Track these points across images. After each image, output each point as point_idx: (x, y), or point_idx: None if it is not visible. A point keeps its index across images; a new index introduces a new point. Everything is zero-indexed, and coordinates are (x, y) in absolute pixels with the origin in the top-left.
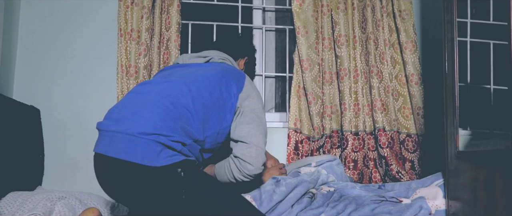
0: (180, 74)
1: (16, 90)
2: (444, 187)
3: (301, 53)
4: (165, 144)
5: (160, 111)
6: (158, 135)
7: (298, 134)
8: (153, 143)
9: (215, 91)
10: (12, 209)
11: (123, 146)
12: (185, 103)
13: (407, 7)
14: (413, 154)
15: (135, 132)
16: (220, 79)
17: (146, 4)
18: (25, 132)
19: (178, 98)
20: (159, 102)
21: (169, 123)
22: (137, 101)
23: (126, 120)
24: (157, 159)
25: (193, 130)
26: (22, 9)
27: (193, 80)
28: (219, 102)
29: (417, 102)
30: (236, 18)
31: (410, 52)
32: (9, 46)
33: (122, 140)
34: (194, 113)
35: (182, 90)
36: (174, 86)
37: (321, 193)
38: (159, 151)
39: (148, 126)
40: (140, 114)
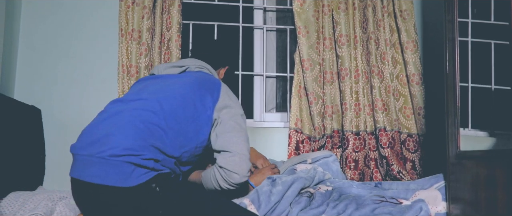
0: (153, 89)
1: (17, 90)
2: (445, 190)
3: (302, 53)
4: (136, 164)
5: (131, 131)
6: (128, 156)
7: (299, 134)
8: (124, 164)
9: (189, 106)
10: (13, 209)
11: (95, 170)
12: (157, 122)
13: (408, 7)
14: (414, 154)
15: (105, 155)
16: (193, 93)
17: (147, 4)
18: (26, 132)
19: (149, 116)
20: (129, 122)
21: (140, 143)
22: (108, 122)
23: (97, 142)
24: (130, 179)
25: (167, 148)
26: (23, 9)
27: (166, 97)
28: (193, 116)
29: (418, 102)
30: (237, 18)
31: (411, 52)
32: (10, 46)
33: (94, 164)
34: (167, 130)
35: (154, 108)
36: (146, 104)
37: (320, 192)
38: (131, 171)
39: (118, 147)
40: (110, 135)
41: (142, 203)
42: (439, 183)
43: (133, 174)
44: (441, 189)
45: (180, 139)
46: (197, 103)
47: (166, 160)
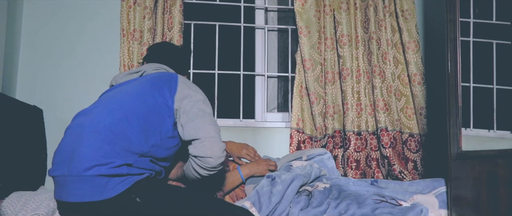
0: (111, 96)
1: (19, 90)
2: (446, 196)
3: (303, 53)
4: (109, 174)
5: (94, 140)
6: (98, 167)
7: (301, 134)
8: (96, 178)
9: (148, 99)
10: (15, 209)
11: (71, 189)
12: (117, 123)
13: (409, 6)
14: (416, 154)
15: (76, 173)
16: (150, 87)
17: (148, 5)
18: (28, 132)
19: (109, 120)
20: (91, 132)
21: (106, 149)
22: (73, 137)
23: (67, 160)
24: (106, 191)
25: (134, 145)
26: (25, 9)
27: (123, 96)
28: (155, 108)
29: (420, 102)
30: (238, 18)
31: (412, 52)
32: (12, 46)
33: (69, 183)
34: (130, 126)
35: (113, 111)
36: (105, 108)
37: (318, 190)
38: (105, 183)
39: (86, 162)
40: (76, 151)
41: (121, 214)
42: (438, 189)
43: (108, 186)
44: (439, 195)
45: (145, 133)
46: (156, 96)
47: (139, 161)
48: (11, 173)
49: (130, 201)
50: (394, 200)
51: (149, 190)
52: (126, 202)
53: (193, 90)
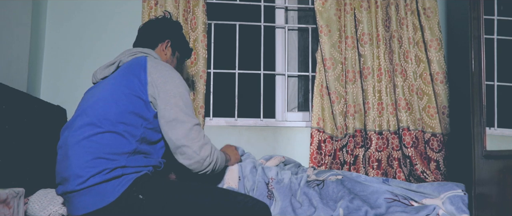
0: (88, 101)
1: (43, 90)
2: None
3: (324, 52)
4: (104, 180)
5: (80, 154)
6: (92, 178)
7: (321, 134)
8: (93, 188)
9: (122, 98)
10: (42, 204)
11: (75, 203)
12: (97, 130)
13: (431, 4)
14: (439, 153)
15: (74, 189)
16: (121, 83)
17: (169, 6)
18: (52, 132)
19: (89, 127)
20: (75, 146)
21: (93, 160)
22: (64, 155)
23: (64, 179)
24: (107, 196)
25: (119, 147)
26: (49, 10)
27: (99, 101)
28: (130, 105)
29: (442, 101)
30: (258, 18)
31: (435, 50)
32: (36, 47)
33: (72, 199)
34: (111, 132)
35: (91, 118)
36: (83, 118)
37: (330, 181)
38: (103, 189)
39: (78, 177)
40: (68, 168)
41: (129, 213)
42: (444, 194)
43: (107, 190)
44: (445, 201)
45: (128, 133)
46: (128, 91)
47: (131, 160)
48: (36, 172)
49: (133, 199)
50: (406, 200)
51: (150, 186)
52: (130, 201)
53: (164, 76)
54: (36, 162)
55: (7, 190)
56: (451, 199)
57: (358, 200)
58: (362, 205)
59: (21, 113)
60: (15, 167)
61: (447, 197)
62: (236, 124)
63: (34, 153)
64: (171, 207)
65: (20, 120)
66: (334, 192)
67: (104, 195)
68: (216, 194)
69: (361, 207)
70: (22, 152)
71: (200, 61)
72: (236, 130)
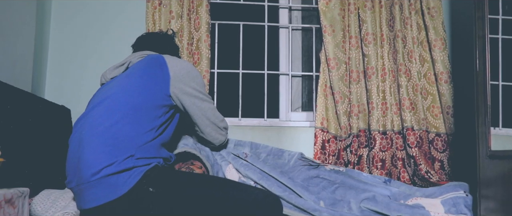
0: (103, 94)
1: (48, 90)
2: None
3: (327, 52)
4: (116, 172)
5: (94, 144)
6: (104, 169)
7: (325, 133)
8: (104, 179)
9: (141, 89)
10: (45, 206)
11: (86, 196)
12: (114, 120)
13: (436, 4)
14: (443, 153)
15: (86, 180)
16: (141, 76)
17: (173, 6)
18: (57, 132)
19: (105, 118)
20: (91, 136)
21: (107, 150)
22: (76, 145)
23: (76, 170)
24: (118, 189)
25: (134, 138)
26: (53, 10)
27: (115, 92)
28: (149, 96)
29: (447, 101)
30: (262, 18)
31: (439, 50)
32: (41, 47)
33: (83, 191)
34: (127, 123)
35: (107, 109)
36: (99, 109)
37: (326, 169)
38: (115, 181)
39: (91, 168)
40: (81, 159)
41: (140, 206)
42: (444, 195)
43: (118, 183)
44: (445, 202)
45: (144, 123)
46: (148, 83)
47: (142, 150)
48: (40, 172)
49: (144, 192)
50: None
51: (161, 179)
52: (141, 194)
53: (189, 79)
54: (40, 162)
55: (12, 189)
56: (453, 200)
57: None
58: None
59: (26, 113)
60: (20, 167)
61: (449, 198)
62: (240, 124)
63: (39, 153)
64: (182, 200)
65: (24, 120)
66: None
67: (116, 187)
68: (227, 186)
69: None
70: (26, 152)
71: (204, 61)
72: (240, 130)
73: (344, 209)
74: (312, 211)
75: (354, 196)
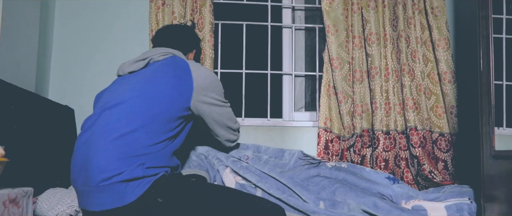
0: (119, 94)
1: (51, 90)
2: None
3: (331, 52)
4: (126, 179)
5: (106, 149)
6: (115, 177)
7: (328, 133)
8: (113, 186)
9: (160, 101)
10: (51, 204)
11: (92, 199)
12: (128, 126)
13: (439, 3)
14: (446, 153)
15: (94, 184)
16: (161, 80)
17: (176, 6)
18: (60, 132)
19: (119, 122)
20: (103, 140)
21: (119, 157)
22: (85, 145)
23: (83, 171)
24: (126, 197)
25: (147, 146)
26: (57, 10)
27: (132, 96)
28: (168, 110)
29: (450, 101)
30: (265, 17)
31: (443, 50)
32: (44, 47)
33: (89, 193)
34: (141, 129)
35: (122, 113)
36: (113, 112)
37: (326, 166)
38: (123, 189)
39: (101, 173)
40: (90, 161)
41: (146, 215)
42: (449, 200)
43: (126, 191)
44: (448, 207)
45: (158, 131)
46: (167, 90)
47: (154, 159)
48: (44, 172)
49: (152, 202)
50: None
51: (169, 188)
52: (148, 204)
53: (210, 90)
54: (44, 162)
55: (16, 189)
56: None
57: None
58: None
59: (30, 113)
60: (24, 167)
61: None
62: (243, 124)
63: (43, 153)
64: (189, 210)
65: (28, 120)
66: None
67: (124, 195)
68: (234, 197)
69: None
70: (30, 152)
71: (207, 61)
72: (243, 130)
73: (343, 210)
74: (311, 213)
75: (354, 198)
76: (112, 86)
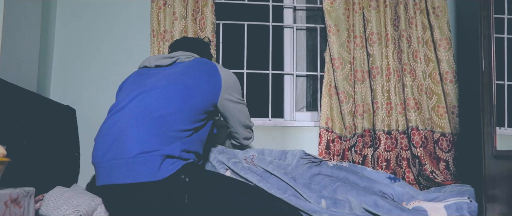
0: (154, 79)
1: (53, 90)
2: (456, 207)
3: (332, 52)
4: (164, 155)
5: (149, 126)
6: (155, 151)
7: (330, 133)
8: (152, 159)
9: (194, 85)
10: (58, 203)
11: (125, 171)
12: (165, 107)
13: (441, 3)
14: (448, 153)
15: (130, 156)
16: (194, 74)
17: (178, 5)
18: (62, 131)
19: (157, 102)
20: (141, 116)
21: (156, 133)
22: (118, 123)
23: (114, 146)
24: (160, 172)
25: (182, 129)
26: (58, 10)
27: (168, 82)
28: (199, 94)
29: (452, 101)
30: (267, 17)
31: (444, 50)
32: (46, 47)
33: (122, 167)
34: (177, 112)
35: (158, 95)
36: (150, 93)
37: (327, 165)
38: (159, 164)
39: (141, 145)
40: (126, 136)
41: (171, 194)
42: (448, 199)
43: (161, 167)
44: (448, 207)
45: (190, 116)
46: (200, 83)
47: (185, 141)
48: (46, 172)
49: (179, 182)
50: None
51: (196, 172)
52: (176, 183)
53: (232, 82)
54: (46, 162)
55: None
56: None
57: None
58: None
59: (31, 113)
60: (26, 167)
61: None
62: None
63: (44, 153)
64: (215, 201)
65: (30, 120)
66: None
67: (158, 170)
68: (257, 195)
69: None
70: (32, 152)
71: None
72: None
73: (345, 209)
74: (313, 212)
75: (355, 196)
76: (139, 76)
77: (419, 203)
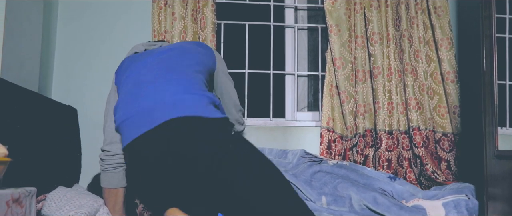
0: (153, 56)
1: (55, 90)
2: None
3: (333, 52)
4: (207, 99)
5: (185, 82)
6: (199, 94)
7: (331, 133)
8: (199, 98)
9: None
10: (60, 203)
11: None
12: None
13: (442, 3)
14: (449, 153)
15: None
16: (184, 45)
17: (178, 5)
18: (64, 132)
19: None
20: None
21: (195, 86)
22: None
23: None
24: (207, 111)
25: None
26: (59, 10)
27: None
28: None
29: (453, 101)
30: (268, 17)
31: (445, 50)
32: (48, 47)
33: (166, 107)
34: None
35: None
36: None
37: (328, 164)
38: (205, 104)
39: (183, 89)
40: (167, 90)
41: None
42: (446, 197)
43: (208, 108)
44: (446, 204)
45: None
46: (204, 58)
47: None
48: (47, 172)
49: (226, 126)
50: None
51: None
52: (223, 126)
53: (224, 65)
54: (47, 162)
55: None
56: (454, 203)
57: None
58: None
59: (33, 113)
60: (27, 167)
61: (450, 200)
62: (246, 123)
63: (46, 153)
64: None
65: (31, 120)
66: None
67: (206, 109)
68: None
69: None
70: (33, 152)
71: None
72: (246, 130)
73: (345, 206)
74: (313, 211)
75: (356, 192)
76: (135, 58)
77: (418, 202)
